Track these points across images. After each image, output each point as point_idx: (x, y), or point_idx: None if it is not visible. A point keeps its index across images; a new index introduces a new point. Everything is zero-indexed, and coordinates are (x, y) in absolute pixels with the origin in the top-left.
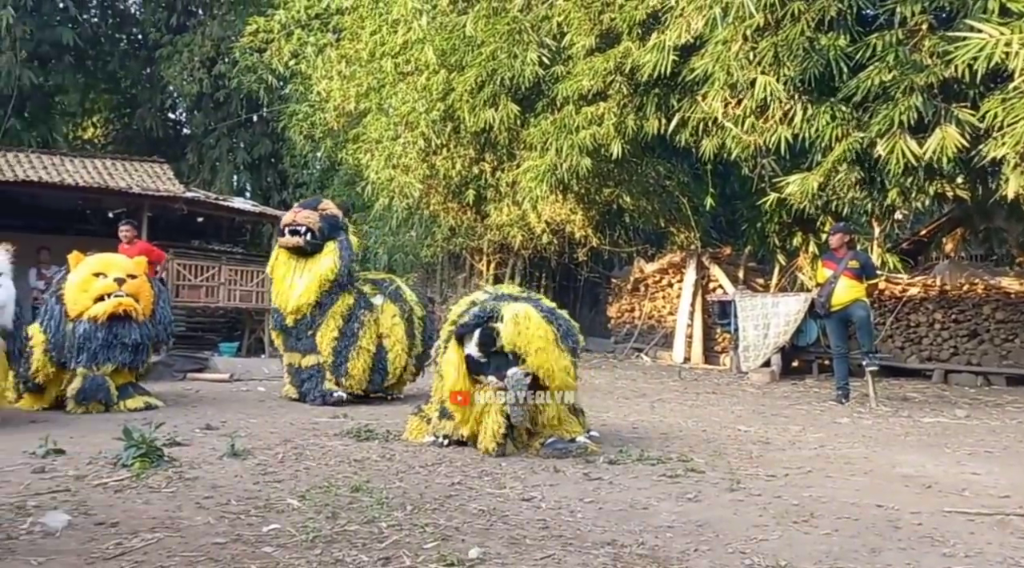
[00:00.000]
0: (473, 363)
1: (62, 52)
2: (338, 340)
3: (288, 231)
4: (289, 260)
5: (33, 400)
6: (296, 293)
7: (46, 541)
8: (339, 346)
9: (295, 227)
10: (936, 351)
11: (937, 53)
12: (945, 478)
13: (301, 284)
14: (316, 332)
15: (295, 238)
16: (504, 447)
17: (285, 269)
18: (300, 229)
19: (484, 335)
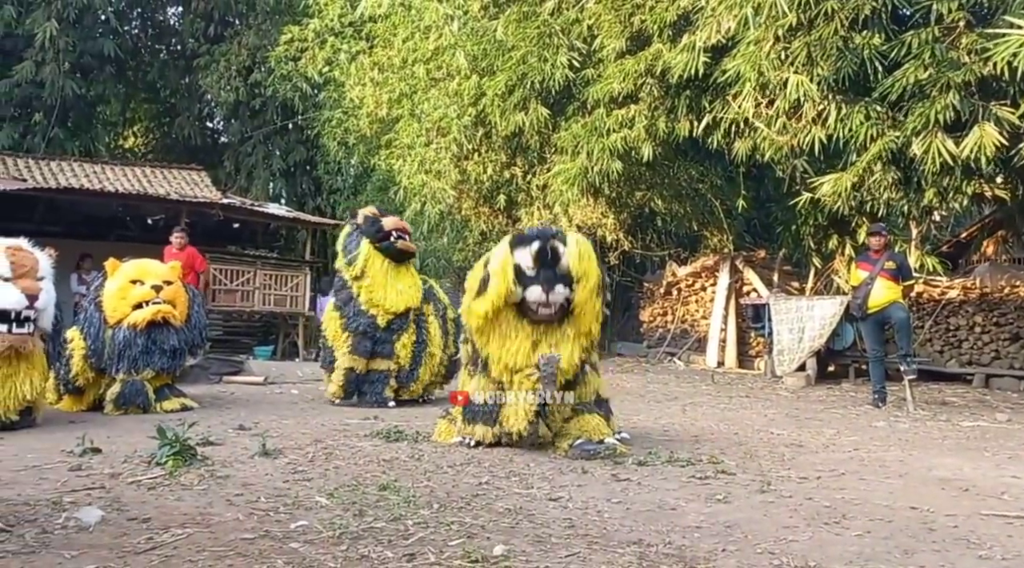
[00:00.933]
0: (519, 273)
1: (103, 63)
2: (415, 346)
3: (396, 235)
4: (384, 264)
5: (72, 402)
6: (398, 297)
7: (80, 535)
8: (415, 352)
9: (403, 233)
10: (977, 355)
11: (975, 50)
12: (983, 481)
13: (403, 289)
14: (398, 339)
15: (412, 243)
16: (536, 427)
17: (382, 272)
18: (406, 236)
19: (543, 247)
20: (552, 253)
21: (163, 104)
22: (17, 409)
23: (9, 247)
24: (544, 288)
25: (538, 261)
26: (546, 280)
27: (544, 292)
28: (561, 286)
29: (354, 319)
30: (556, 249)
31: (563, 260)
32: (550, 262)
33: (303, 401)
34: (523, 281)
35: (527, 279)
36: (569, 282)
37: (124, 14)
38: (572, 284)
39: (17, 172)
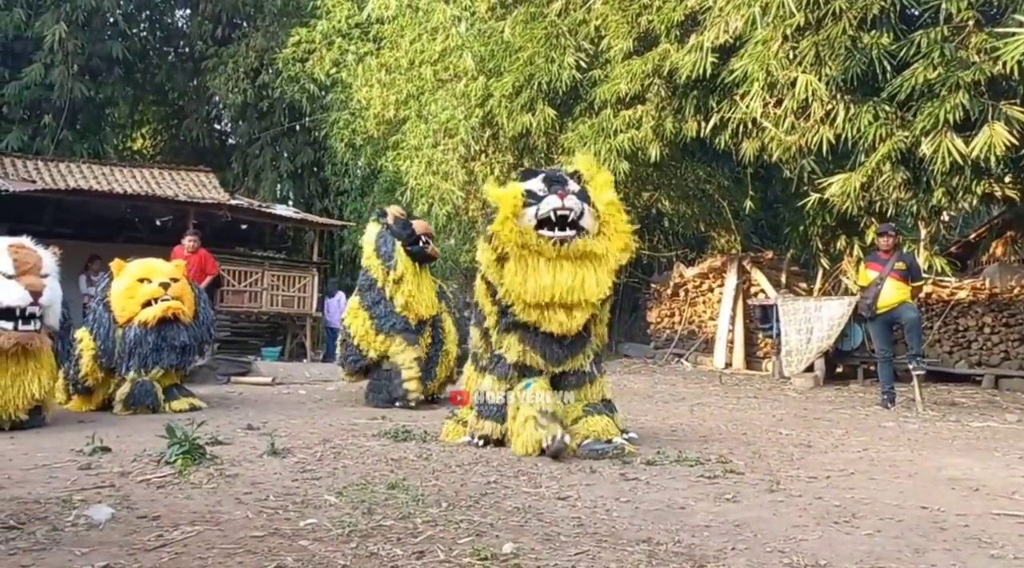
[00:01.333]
0: (530, 197)
1: (112, 65)
2: (430, 346)
3: (425, 240)
4: (413, 267)
5: (82, 402)
6: (428, 302)
7: (90, 533)
8: (432, 351)
9: (429, 238)
10: (986, 356)
11: (984, 50)
12: (994, 481)
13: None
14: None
15: (433, 247)
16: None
17: (413, 275)
18: (430, 241)
19: (552, 173)
20: (561, 177)
21: (171, 106)
22: (26, 408)
23: (12, 245)
24: (559, 193)
25: (548, 183)
26: (560, 187)
27: (560, 197)
28: (575, 198)
29: (387, 319)
30: (563, 176)
31: (571, 185)
32: (561, 181)
33: (311, 401)
34: (536, 201)
35: (539, 198)
36: (583, 199)
37: (132, 16)
38: (584, 203)
39: (26, 174)
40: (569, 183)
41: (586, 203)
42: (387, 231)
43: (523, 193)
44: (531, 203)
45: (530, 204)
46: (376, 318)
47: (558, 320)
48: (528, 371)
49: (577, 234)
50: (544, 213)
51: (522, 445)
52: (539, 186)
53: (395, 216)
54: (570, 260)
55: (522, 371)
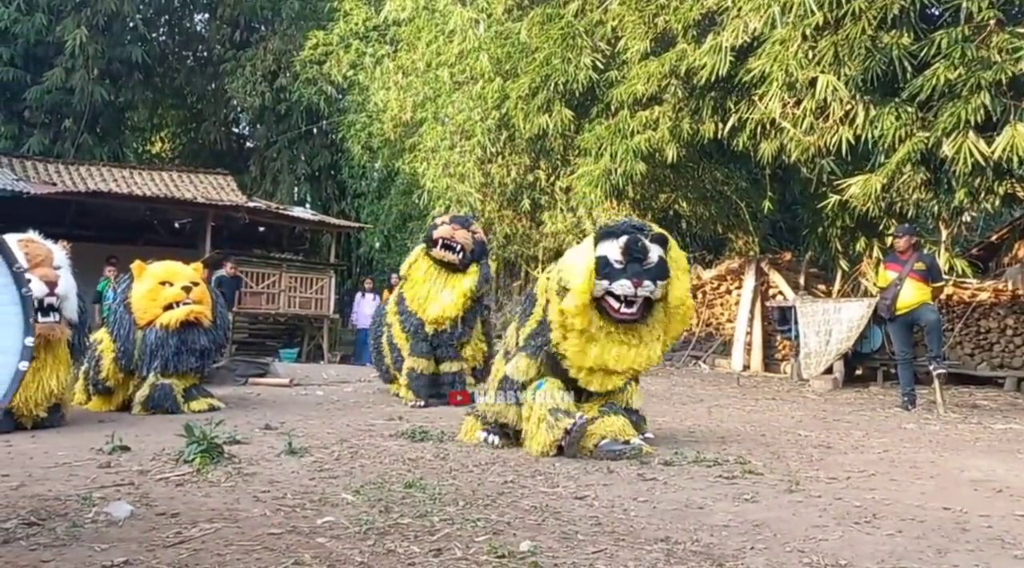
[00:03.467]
0: (602, 267)
1: (132, 69)
2: (485, 352)
3: (443, 245)
4: (432, 270)
5: (102, 402)
6: (440, 305)
7: (109, 529)
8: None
9: (452, 243)
10: (1008, 358)
11: (1006, 49)
12: (1017, 482)
13: (446, 298)
14: (463, 345)
15: (451, 254)
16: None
17: (427, 278)
18: (455, 246)
19: (632, 241)
20: (642, 248)
21: (190, 110)
22: (46, 405)
23: (21, 239)
24: (634, 282)
25: (627, 254)
26: (635, 274)
27: (634, 285)
28: (649, 281)
29: (407, 319)
30: (645, 244)
31: (651, 255)
32: (639, 256)
33: (328, 402)
34: (609, 274)
35: (614, 272)
36: (655, 278)
37: (152, 21)
38: (659, 281)
39: (47, 177)
40: (651, 253)
41: (660, 280)
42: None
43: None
44: (604, 273)
45: (603, 274)
46: (401, 315)
47: (599, 381)
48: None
49: (643, 314)
50: (615, 293)
51: (538, 446)
52: (616, 256)
53: (432, 220)
54: (629, 333)
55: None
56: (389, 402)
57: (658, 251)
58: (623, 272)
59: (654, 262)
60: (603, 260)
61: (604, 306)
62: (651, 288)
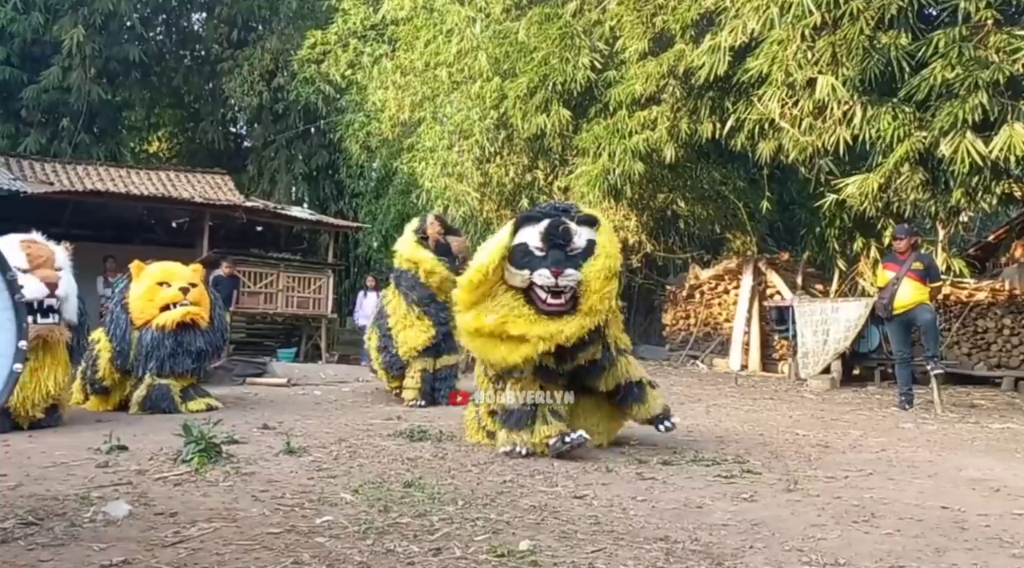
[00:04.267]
0: (521, 255)
1: (129, 69)
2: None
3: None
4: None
5: (99, 402)
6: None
7: (108, 529)
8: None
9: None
10: (1005, 358)
11: (1004, 49)
12: (1015, 481)
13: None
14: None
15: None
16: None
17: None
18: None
19: (554, 226)
20: (564, 232)
21: (187, 109)
22: (43, 406)
23: (24, 240)
24: (553, 271)
25: (547, 240)
26: (555, 262)
27: (553, 275)
28: (572, 269)
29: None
30: (568, 228)
31: (577, 240)
32: (561, 242)
33: (326, 402)
34: (530, 263)
35: (535, 260)
36: (586, 256)
37: (149, 20)
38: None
39: (44, 176)
40: (575, 239)
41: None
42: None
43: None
44: (524, 261)
45: (521, 264)
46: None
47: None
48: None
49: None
50: (536, 283)
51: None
52: (536, 243)
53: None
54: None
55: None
56: (387, 401)
57: (588, 234)
58: (543, 260)
59: (580, 247)
60: (522, 248)
61: (532, 297)
62: (575, 276)
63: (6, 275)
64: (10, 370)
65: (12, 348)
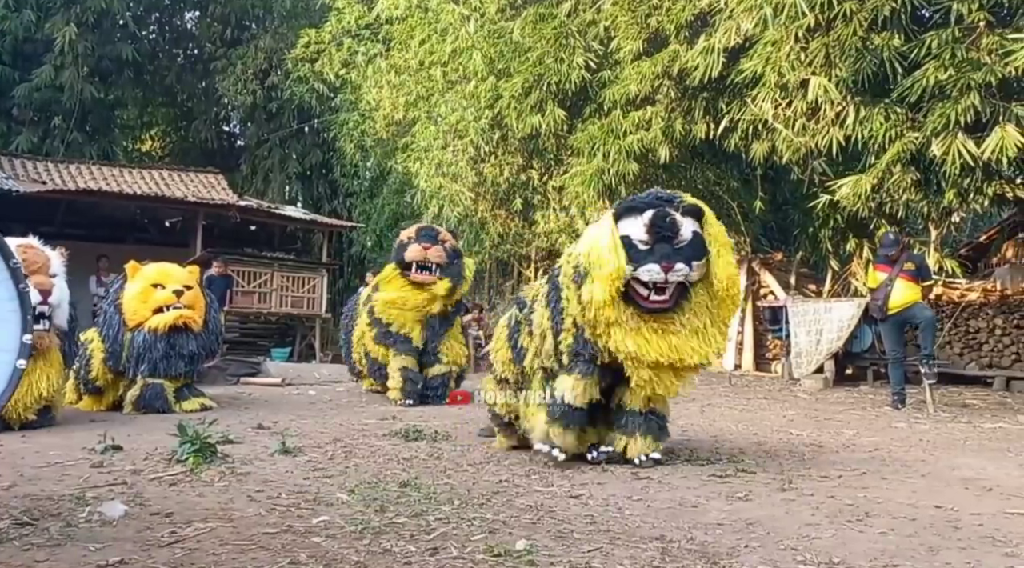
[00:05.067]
0: (628, 248)
1: (122, 67)
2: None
3: (418, 267)
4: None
5: (93, 402)
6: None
7: (104, 529)
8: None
9: (427, 264)
10: (997, 358)
11: (996, 51)
12: (1007, 481)
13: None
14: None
15: (428, 275)
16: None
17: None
18: (431, 267)
19: (660, 216)
20: (671, 224)
21: (180, 108)
22: (35, 408)
23: (19, 245)
24: (663, 266)
25: (653, 232)
26: (664, 256)
27: (663, 270)
28: (682, 263)
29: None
30: (675, 219)
31: (683, 232)
32: (669, 234)
33: (321, 402)
34: (634, 257)
35: (640, 255)
36: (690, 259)
37: (142, 19)
38: (694, 262)
39: (36, 175)
40: (682, 230)
41: (695, 260)
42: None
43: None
44: (628, 256)
45: (627, 258)
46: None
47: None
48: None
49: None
50: (641, 279)
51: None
52: (641, 235)
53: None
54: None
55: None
56: (382, 402)
57: (692, 226)
58: (650, 255)
59: (687, 239)
60: (625, 241)
61: (631, 294)
62: (684, 271)
63: (9, 262)
64: (14, 366)
65: (16, 343)
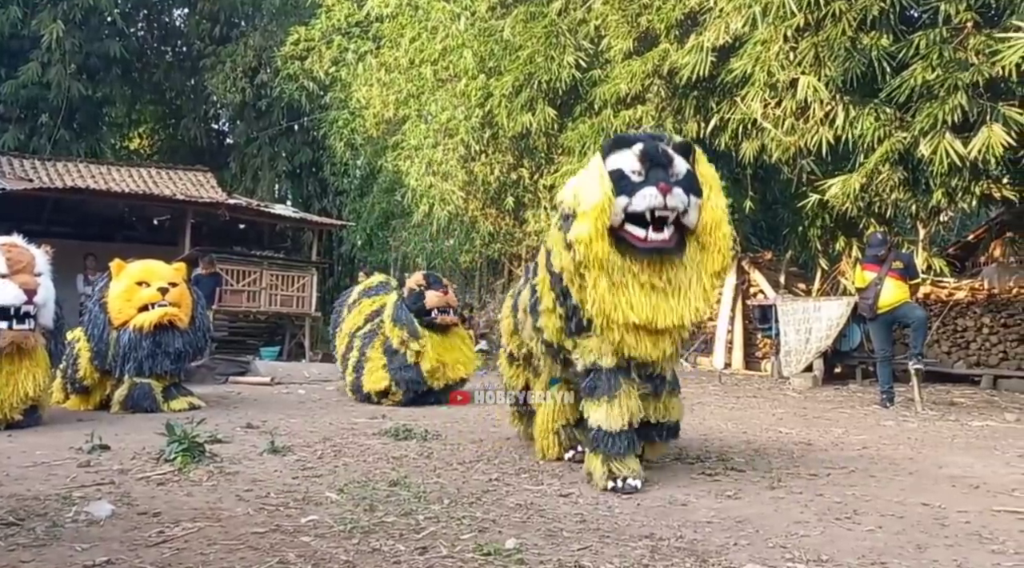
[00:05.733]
0: (620, 180)
1: (110, 64)
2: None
3: (440, 311)
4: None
5: (80, 401)
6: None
7: (91, 529)
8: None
9: (447, 308)
10: (985, 356)
11: (983, 51)
12: (994, 478)
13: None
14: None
15: (450, 316)
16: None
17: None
18: (449, 311)
19: (651, 146)
20: (664, 153)
21: (169, 105)
22: (21, 408)
23: (4, 244)
24: (661, 186)
25: (646, 161)
26: (660, 180)
27: (661, 192)
28: (681, 192)
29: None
30: (667, 150)
31: (677, 166)
32: (664, 161)
33: (310, 401)
34: (627, 189)
35: (633, 185)
36: (688, 192)
37: (130, 15)
38: (691, 196)
39: (23, 173)
40: (675, 162)
41: (692, 194)
42: (402, 303)
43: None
44: (620, 190)
45: (619, 192)
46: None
47: (643, 344)
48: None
49: (677, 242)
50: (637, 209)
51: (540, 451)
52: (633, 166)
53: (411, 288)
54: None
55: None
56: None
57: (683, 163)
58: (644, 183)
59: (681, 173)
60: (617, 174)
61: (625, 238)
62: (683, 200)
63: None
64: None
65: None
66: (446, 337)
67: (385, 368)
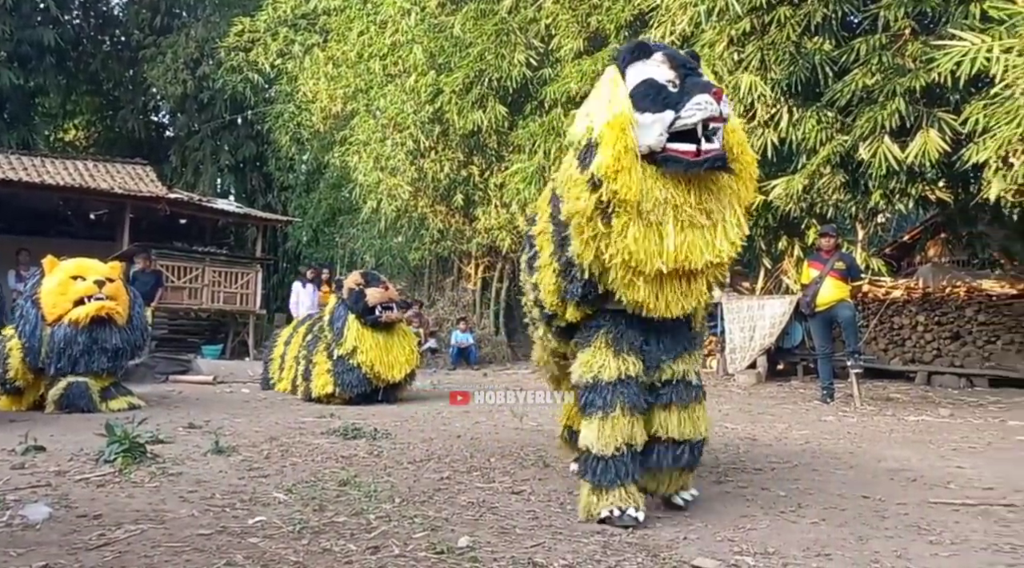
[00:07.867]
0: (650, 95)
1: (43, 53)
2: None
3: (384, 308)
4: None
5: (12, 401)
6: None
7: (26, 533)
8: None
9: (389, 304)
10: (919, 353)
11: (920, 58)
12: (930, 472)
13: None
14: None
15: (394, 313)
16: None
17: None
18: (393, 306)
19: (674, 51)
20: (691, 56)
21: (106, 97)
22: None
23: None
24: (715, 92)
25: (677, 67)
26: (706, 86)
27: (715, 98)
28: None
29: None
30: (692, 53)
31: (702, 71)
32: (694, 65)
33: (255, 400)
34: (668, 102)
35: (673, 96)
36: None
37: (65, 3)
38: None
39: None
40: (700, 67)
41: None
42: (340, 304)
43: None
44: (659, 104)
45: (658, 106)
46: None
47: (676, 295)
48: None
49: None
50: (690, 122)
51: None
52: (667, 74)
53: (350, 287)
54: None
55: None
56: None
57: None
58: (687, 92)
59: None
60: (647, 86)
61: (668, 161)
62: (728, 107)
63: None
64: None
65: None
66: (389, 335)
67: (330, 372)
